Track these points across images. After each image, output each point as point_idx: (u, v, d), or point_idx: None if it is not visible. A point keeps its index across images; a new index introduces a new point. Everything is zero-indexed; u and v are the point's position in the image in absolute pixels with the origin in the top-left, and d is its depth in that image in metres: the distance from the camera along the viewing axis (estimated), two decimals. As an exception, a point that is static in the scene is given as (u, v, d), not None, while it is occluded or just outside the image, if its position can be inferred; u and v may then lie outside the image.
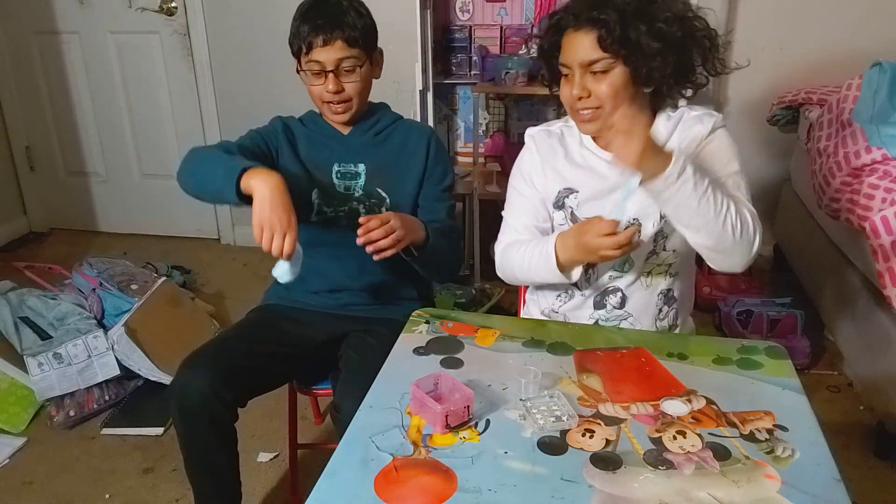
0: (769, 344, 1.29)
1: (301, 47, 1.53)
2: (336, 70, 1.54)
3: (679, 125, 1.35)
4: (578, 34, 1.26)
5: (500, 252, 1.48)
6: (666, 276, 1.41)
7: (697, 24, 1.28)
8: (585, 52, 1.26)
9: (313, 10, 1.53)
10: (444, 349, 1.27)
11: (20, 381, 2.24)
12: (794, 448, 1.01)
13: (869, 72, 2.40)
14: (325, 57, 1.53)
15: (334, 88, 1.56)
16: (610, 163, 1.35)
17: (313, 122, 1.70)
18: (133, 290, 2.51)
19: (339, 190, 1.64)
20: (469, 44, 3.07)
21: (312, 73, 1.55)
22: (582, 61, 1.27)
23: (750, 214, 1.26)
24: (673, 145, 1.33)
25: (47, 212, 3.78)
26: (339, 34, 1.52)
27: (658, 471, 0.97)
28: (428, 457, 1.00)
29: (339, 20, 1.52)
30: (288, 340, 1.61)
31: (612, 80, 1.26)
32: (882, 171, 2.06)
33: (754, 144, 3.01)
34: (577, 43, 1.26)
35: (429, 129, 1.74)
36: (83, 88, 3.49)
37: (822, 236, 2.46)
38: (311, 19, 1.52)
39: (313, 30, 1.51)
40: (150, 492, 1.98)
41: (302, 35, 1.52)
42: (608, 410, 1.10)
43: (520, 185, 1.47)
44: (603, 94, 1.28)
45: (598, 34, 1.23)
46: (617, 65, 1.25)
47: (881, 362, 2.00)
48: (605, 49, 1.24)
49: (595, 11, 1.23)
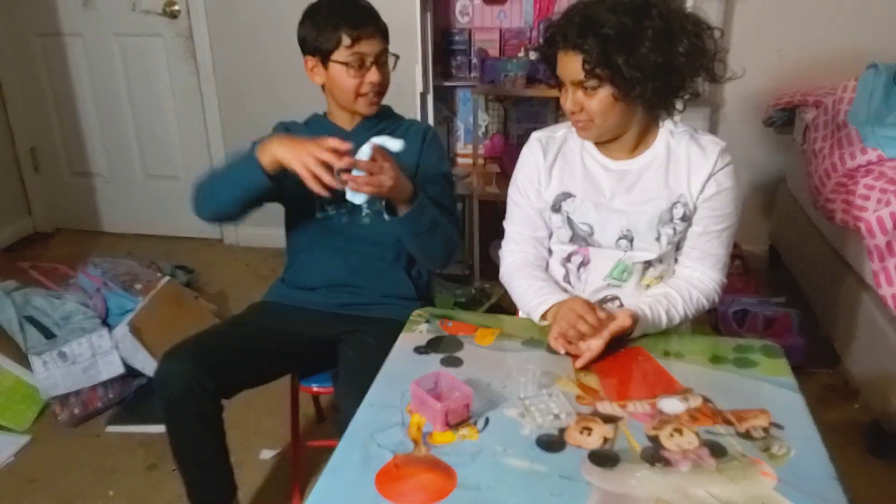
0: (765, 343, 1.30)
1: (341, 40, 1.55)
2: (377, 61, 1.58)
3: (685, 148, 1.36)
4: (568, 55, 1.28)
5: (507, 272, 1.50)
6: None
7: (697, 41, 1.26)
8: (574, 72, 1.28)
9: (347, 4, 1.56)
10: (444, 348, 1.29)
11: (25, 380, 2.26)
12: (790, 446, 1.02)
13: (864, 73, 2.41)
14: (369, 48, 1.57)
15: (379, 79, 1.60)
16: (609, 170, 1.39)
17: (317, 124, 1.71)
18: (137, 290, 2.53)
19: (341, 188, 1.65)
20: (469, 46, 3.08)
21: (353, 66, 1.57)
22: (572, 80, 1.29)
23: (707, 300, 1.41)
24: (683, 173, 1.36)
25: (52, 212, 3.79)
26: (377, 28, 1.58)
27: (655, 468, 0.98)
28: (428, 454, 1.02)
29: (373, 14, 1.58)
30: (280, 336, 1.61)
31: (601, 98, 1.29)
32: (877, 171, 2.07)
33: (750, 146, 3.02)
34: (566, 62, 1.29)
35: (427, 125, 1.76)
36: (87, 90, 3.51)
37: (817, 236, 2.48)
38: (351, 13, 1.55)
39: (356, 24, 1.54)
40: (154, 489, 1.99)
41: (345, 27, 1.54)
42: (606, 408, 1.11)
43: (516, 197, 1.49)
44: (593, 109, 1.30)
45: (583, 58, 1.25)
46: (604, 85, 1.27)
47: (876, 361, 2.02)
48: (588, 74, 1.26)
49: (579, 38, 1.24)
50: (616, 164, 1.39)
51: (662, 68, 1.24)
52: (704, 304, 1.41)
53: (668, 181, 1.36)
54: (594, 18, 1.23)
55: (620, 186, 1.38)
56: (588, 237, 1.41)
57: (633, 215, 1.37)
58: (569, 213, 1.41)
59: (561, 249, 1.46)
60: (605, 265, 1.42)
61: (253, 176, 1.46)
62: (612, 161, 1.40)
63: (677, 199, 1.36)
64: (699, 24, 1.28)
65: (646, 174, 1.38)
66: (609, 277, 1.42)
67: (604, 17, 1.23)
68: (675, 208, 1.36)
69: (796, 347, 2.37)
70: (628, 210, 1.37)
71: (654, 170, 1.37)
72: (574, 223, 1.41)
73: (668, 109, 1.35)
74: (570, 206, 1.41)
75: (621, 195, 1.38)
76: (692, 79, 1.31)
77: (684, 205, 1.36)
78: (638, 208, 1.37)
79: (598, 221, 1.39)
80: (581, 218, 1.40)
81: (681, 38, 1.24)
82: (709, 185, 1.35)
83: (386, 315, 1.61)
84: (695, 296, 1.39)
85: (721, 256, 1.41)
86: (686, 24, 1.26)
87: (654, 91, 1.26)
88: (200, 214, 1.60)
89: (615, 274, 1.42)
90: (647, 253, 1.39)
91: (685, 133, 1.38)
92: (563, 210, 1.42)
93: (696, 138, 1.37)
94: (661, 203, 1.36)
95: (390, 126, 1.70)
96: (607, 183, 1.39)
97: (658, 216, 1.36)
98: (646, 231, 1.37)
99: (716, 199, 1.36)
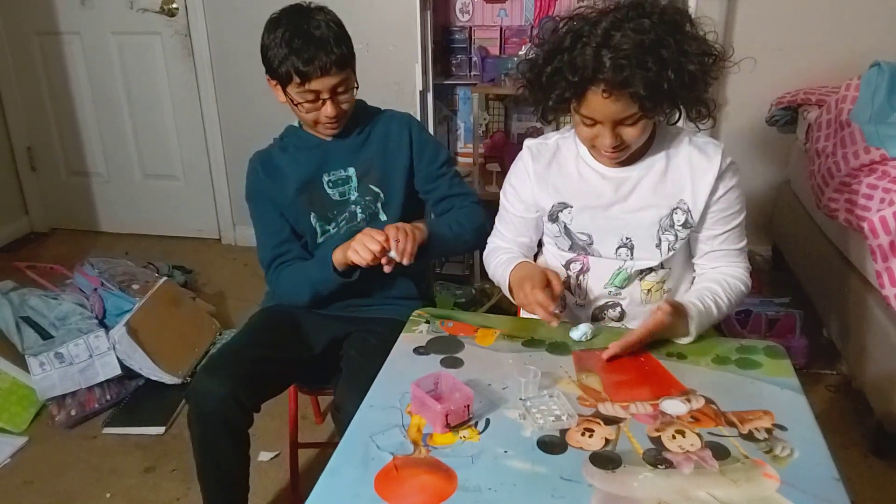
0: (768, 343, 1.29)
1: (292, 78, 1.49)
2: (332, 94, 1.53)
3: (685, 153, 1.34)
4: (611, 96, 1.17)
5: (487, 252, 1.55)
6: (661, 292, 1.42)
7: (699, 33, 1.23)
8: (618, 112, 1.20)
9: (297, 38, 1.48)
10: (444, 349, 1.28)
11: (21, 381, 2.25)
12: (793, 447, 1.01)
13: (868, 72, 2.40)
14: (322, 86, 1.50)
15: (334, 112, 1.55)
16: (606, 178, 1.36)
17: (295, 137, 1.68)
18: (134, 290, 2.52)
19: (333, 199, 1.64)
20: (469, 45, 3.07)
21: (307, 101, 1.53)
22: (615, 119, 1.22)
23: (743, 285, 1.37)
24: (684, 179, 1.33)
25: (49, 212, 3.78)
26: (331, 61, 1.48)
27: (657, 470, 0.97)
28: (428, 456, 1.01)
29: (327, 46, 1.48)
30: (296, 345, 1.61)
31: (642, 125, 1.24)
32: (880, 171, 2.06)
33: (753, 145, 3.01)
34: (609, 105, 1.19)
35: (407, 115, 1.72)
36: (85, 89, 3.50)
37: (820, 236, 2.47)
38: (300, 50, 1.47)
39: (307, 61, 1.47)
40: (152, 491, 1.98)
41: (294, 67, 1.47)
42: (607, 410, 1.10)
43: (505, 202, 1.48)
44: (631, 137, 1.25)
45: (635, 96, 1.16)
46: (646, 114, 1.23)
47: (879, 362, 2.01)
48: (644, 111, 1.20)
49: (625, 77, 1.14)
50: (613, 172, 1.36)
51: (700, 74, 1.20)
52: (742, 290, 1.38)
53: (668, 187, 1.34)
54: (632, 50, 1.14)
55: (618, 195, 1.35)
56: (587, 246, 1.40)
57: (631, 223, 1.35)
58: (566, 224, 1.39)
59: (561, 256, 1.45)
60: (605, 273, 1.40)
61: (331, 282, 1.57)
62: (609, 169, 1.36)
63: (677, 205, 1.34)
64: (686, 15, 1.25)
65: (644, 181, 1.35)
66: (610, 285, 1.41)
67: (638, 45, 1.14)
68: (675, 214, 1.34)
69: (799, 348, 2.36)
70: (627, 218, 1.35)
71: (652, 176, 1.35)
72: (572, 233, 1.40)
73: (690, 116, 1.30)
74: (567, 217, 1.39)
75: (619, 203, 1.35)
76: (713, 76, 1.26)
77: (685, 211, 1.34)
78: (637, 215, 1.35)
79: (597, 231, 1.37)
80: (579, 228, 1.39)
81: (691, 38, 1.21)
82: (718, 187, 1.33)
83: (387, 315, 1.60)
84: (732, 283, 1.37)
85: (741, 247, 1.41)
86: (684, 20, 1.23)
87: (695, 100, 1.24)
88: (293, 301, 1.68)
89: (616, 282, 1.40)
90: (648, 261, 1.38)
91: (683, 138, 1.36)
92: (560, 220, 1.40)
93: (694, 142, 1.35)
94: (660, 209, 1.34)
95: (368, 124, 1.67)
96: (605, 191, 1.36)
97: (658, 222, 1.35)
98: (646, 238, 1.36)
99: (725, 199, 1.35)
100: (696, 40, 1.21)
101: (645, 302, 1.42)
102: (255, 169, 1.68)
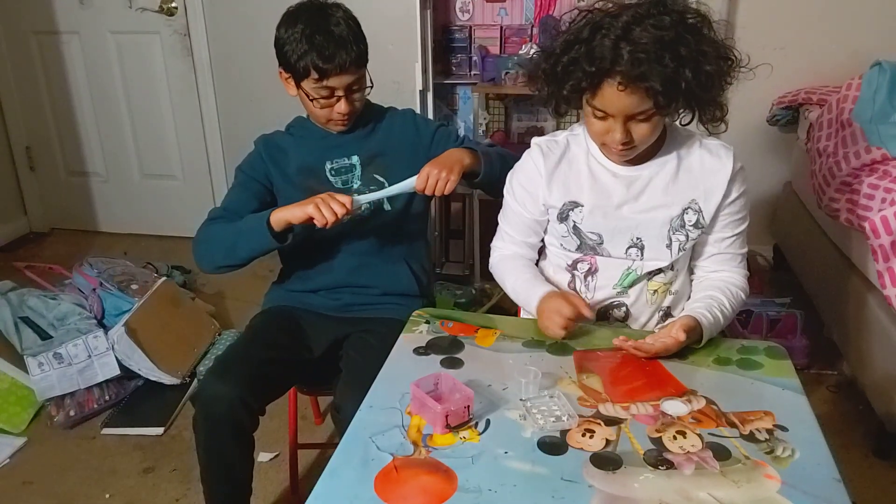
0: (769, 344, 1.29)
1: (310, 73, 1.51)
2: (347, 92, 1.54)
3: (697, 155, 1.34)
4: (627, 89, 1.17)
5: (497, 260, 1.51)
6: (667, 294, 1.42)
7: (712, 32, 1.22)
8: (632, 106, 1.19)
9: (318, 35, 1.49)
10: (444, 349, 1.28)
11: (20, 381, 2.24)
12: (794, 448, 1.01)
13: (869, 72, 2.40)
14: (338, 83, 1.52)
15: (347, 110, 1.56)
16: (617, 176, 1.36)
17: (302, 128, 1.69)
18: (133, 290, 2.51)
19: (336, 187, 1.63)
20: (469, 44, 3.07)
21: (322, 97, 1.54)
22: (628, 113, 1.21)
23: (743, 293, 1.39)
24: (696, 179, 1.33)
25: (47, 212, 3.77)
26: (351, 59, 1.50)
27: (658, 471, 0.97)
28: (428, 457, 1.01)
29: (346, 44, 1.50)
30: (298, 346, 1.61)
31: (654, 122, 1.23)
32: (882, 170, 2.06)
33: (754, 145, 3.00)
34: (623, 98, 1.18)
35: (407, 110, 1.74)
36: (83, 88, 3.49)
37: (821, 236, 2.46)
38: (321, 47, 1.48)
39: (328, 59, 1.48)
40: (151, 491, 1.98)
41: (313, 63, 1.49)
42: (608, 410, 1.10)
43: (511, 201, 1.47)
44: (641, 135, 1.24)
45: (650, 90, 1.16)
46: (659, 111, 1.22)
47: (881, 362, 2.00)
48: (658, 106, 1.19)
49: (642, 71, 1.14)
50: (624, 171, 1.35)
51: (717, 76, 1.20)
52: (742, 298, 1.39)
53: (679, 187, 1.34)
54: (651, 45, 1.13)
55: (629, 193, 1.34)
56: (597, 246, 1.38)
57: (643, 222, 1.34)
58: (576, 223, 1.38)
59: (566, 256, 1.43)
60: (614, 273, 1.39)
61: (263, 243, 1.50)
62: (621, 167, 1.35)
63: (689, 205, 1.34)
64: (706, 17, 1.23)
65: (655, 180, 1.34)
66: (619, 286, 1.40)
67: (657, 41, 1.13)
68: (686, 214, 1.34)
69: (800, 349, 2.36)
70: (638, 217, 1.34)
71: (663, 175, 1.34)
72: (582, 232, 1.38)
73: (703, 118, 1.29)
74: (577, 216, 1.37)
75: (630, 203, 1.35)
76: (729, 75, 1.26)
77: (697, 211, 1.34)
78: (648, 215, 1.34)
79: (608, 231, 1.36)
80: (590, 227, 1.37)
81: (709, 39, 1.20)
82: (731, 189, 1.33)
83: (387, 315, 1.60)
84: (734, 292, 1.37)
85: (743, 253, 1.42)
86: (704, 22, 1.21)
87: (710, 102, 1.24)
88: (204, 269, 1.64)
89: (626, 283, 1.39)
90: (658, 261, 1.37)
91: (694, 139, 1.35)
92: (570, 219, 1.38)
93: (705, 145, 1.35)
94: (672, 209, 1.34)
95: (373, 118, 1.68)
96: (616, 190, 1.35)
97: (669, 222, 1.34)
98: (656, 238, 1.35)
99: (737, 202, 1.35)
100: (715, 43, 1.21)
101: (650, 302, 1.41)
102: (258, 149, 1.69)
